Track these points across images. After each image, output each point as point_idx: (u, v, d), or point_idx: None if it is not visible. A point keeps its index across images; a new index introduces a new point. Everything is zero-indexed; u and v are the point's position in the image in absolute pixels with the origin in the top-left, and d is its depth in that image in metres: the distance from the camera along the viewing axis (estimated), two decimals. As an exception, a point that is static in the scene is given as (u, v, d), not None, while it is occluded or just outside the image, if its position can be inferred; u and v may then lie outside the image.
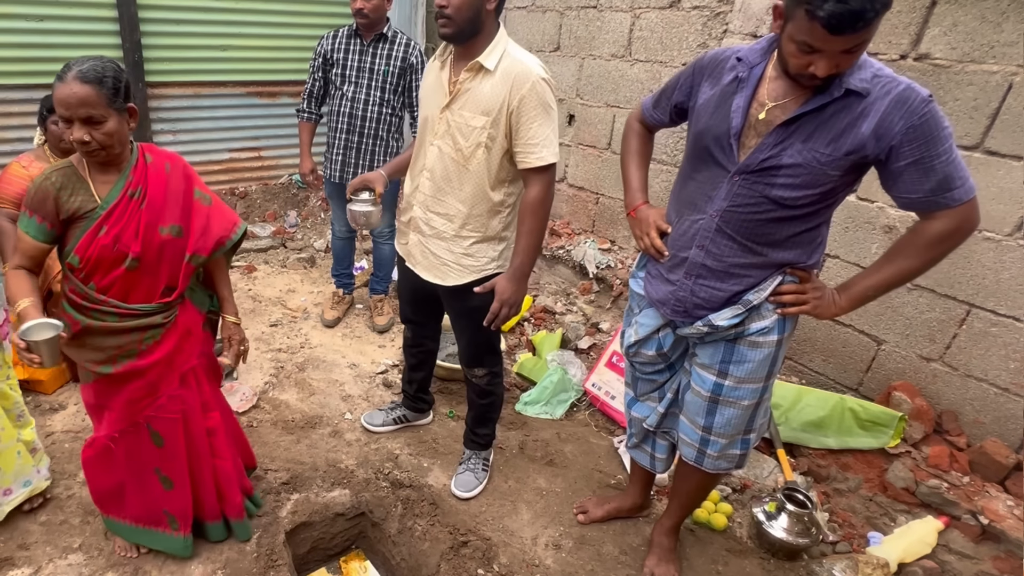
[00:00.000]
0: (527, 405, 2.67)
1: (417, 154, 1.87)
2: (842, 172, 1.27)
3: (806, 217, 1.34)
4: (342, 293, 3.33)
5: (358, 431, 2.43)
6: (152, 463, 1.64)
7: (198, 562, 1.80)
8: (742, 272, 1.42)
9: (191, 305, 1.62)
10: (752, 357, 1.48)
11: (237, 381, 2.64)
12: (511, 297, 1.75)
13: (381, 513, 2.12)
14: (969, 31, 1.98)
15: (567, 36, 3.52)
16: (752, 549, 2.03)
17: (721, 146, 1.37)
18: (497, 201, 1.78)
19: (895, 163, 1.22)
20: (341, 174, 2.98)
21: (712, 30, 2.81)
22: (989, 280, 2.03)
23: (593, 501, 2.11)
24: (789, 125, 1.27)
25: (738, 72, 1.36)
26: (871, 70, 1.22)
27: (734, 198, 1.37)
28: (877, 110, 1.20)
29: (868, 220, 2.29)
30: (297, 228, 4.32)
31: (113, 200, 1.42)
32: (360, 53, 2.81)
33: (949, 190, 1.21)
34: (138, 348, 1.51)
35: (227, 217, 1.61)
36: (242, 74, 4.10)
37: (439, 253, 1.85)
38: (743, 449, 1.63)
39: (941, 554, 1.91)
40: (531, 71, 1.63)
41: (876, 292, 1.38)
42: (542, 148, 1.66)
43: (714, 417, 1.57)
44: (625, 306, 3.17)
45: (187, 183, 1.54)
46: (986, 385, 2.08)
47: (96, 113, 1.32)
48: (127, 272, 1.44)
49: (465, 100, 1.69)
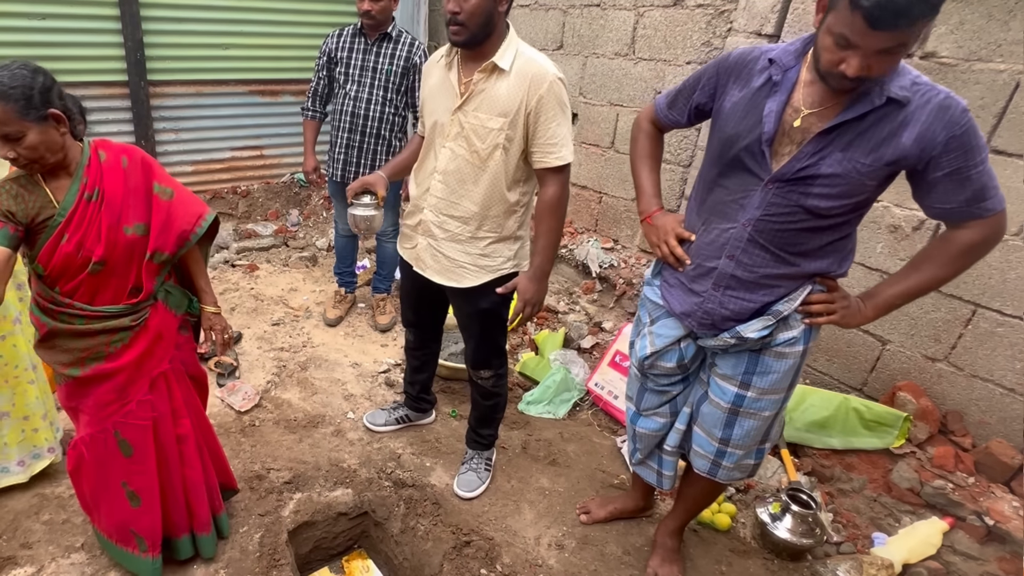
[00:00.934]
0: (530, 405, 2.66)
1: (425, 156, 1.84)
2: (878, 182, 1.24)
3: (839, 226, 1.32)
4: (344, 292, 3.32)
5: (360, 430, 2.43)
6: (119, 475, 1.57)
7: (200, 562, 1.79)
8: (773, 283, 1.38)
9: (164, 308, 1.55)
10: (777, 368, 1.44)
11: (239, 380, 2.64)
12: (534, 296, 1.77)
13: (384, 513, 2.12)
14: (976, 29, 1.97)
15: (570, 34, 3.51)
16: (756, 549, 2.03)
17: (752, 153, 1.31)
18: (513, 201, 1.77)
19: (933, 173, 1.19)
20: (343, 173, 2.98)
21: (716, 28, 2.80)
22: (995, 280, 2.02)
23: (596, 502, 2.10)
24: (828, 133, 1.22)
25: (771, 74, 1.29)
26: (909, 77, 1.18)
27: (768, 207, 1.31)
28: (918, 119, 1.16)
29: (873, 220, 2.28)
30: (299, 227, 4.32)
31: (70, 206, 1.37)
32: (364, 52, 2.80)
33: (983, 200, 1.19)
34: (106, 351, 1.47)
35: (190, 209, 1.51)
36: (244, 72, 4.10)
37: (454, 256, 1.83)
38: (757, 459, 1.61)
39: (946, 555, 1.90)
40: (547, 71, 1.62)
41: (902, 300, 1.36)
42: (560, 148, 1.66)
43: (732, 429, 1.53)
44: (628, 305, 3.17)
45: (146, 177, 1.45)
46: (992, 385, 2.07)
47: (10, 130, 1.24)
48: (91, 276, 1.40)
49: (480, 101, 1.66)
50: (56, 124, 1.32)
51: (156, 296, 1.53)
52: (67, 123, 1.35)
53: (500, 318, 1.93)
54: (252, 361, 2.81)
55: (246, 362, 2.79)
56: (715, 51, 2.81)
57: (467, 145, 1.70)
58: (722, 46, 2.79)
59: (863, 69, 1.11)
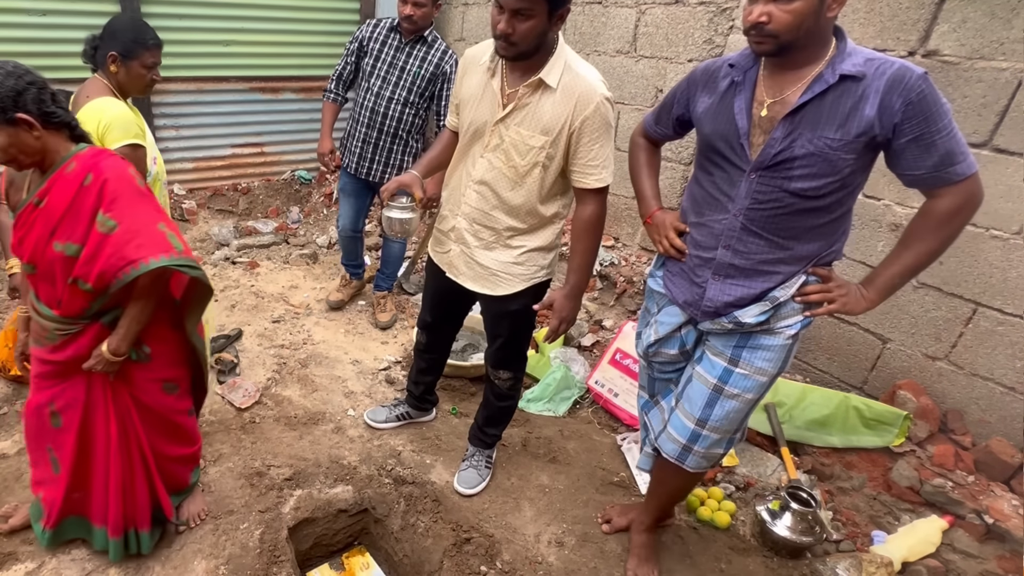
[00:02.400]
0: (530, 402, 2.66)
1: (460, 161, 1.80)
2: (856, 155, 1.28)
3: (829, 208, 1.35)
4: (349, 277, 3.35)
5: (361, 427, 2.43)
6: (48, 440, 1.64)
7: (201, 558, 1.80)
8: (771, 269, 1.42)
9: (105, 331, 1.53)
10: (768, 344, 1.47)
11: (240, 377, 2.64)
12: (569, 314, 1.78)
13: (384, 509, 2.12)
14: (979, 27, 1.96)
15: (571, 32, 3.50)
16: (755, 547, 2.03)
17: (732, 147, 1.39)
18: (551, 214, 1.77)
19: (897, 140, 1.24)
20: (357, 167, 2.98)
21: (718, 26, 2.79)
22: (996, 279, 2.02)
23: (616, 510, 2.09)
24: (793, 116, 1.30)
25: (733, 76, 1.40)
26: (863, 55, 1.26)
27: (755, 195, 1.38)
28: (876, 90, 1.22)
29: (874, 218, 2.28)
30: (300, 224, 4.32)
31: (23, 205, 1.43)
32: (396, 50, 2.80)
33: (952, 165, 1.23)
34: (45, 341, 1.54)
35: (123, 252, 1.38)
36: (245, 69, 4.09)
37: (488, 264, 1.81)
38: (726, 449, 1.64)
39: (945, 553, 1.90)
40: (595, 90, 1.56)
41: (902, 279, 1.38)
42: (602, 170, 1.63)
43: (712, 409, 1.55)
44: (629, 303, 3.17)
45: (96, 202, 1.39)
46: (992, 384, 2.07)
47: None
48: (28, 274, 1.50)
49: (523, 116, 1.62)
50: (28, 128, 1.33)
51: (88, 318, 1.51)
52: (40, 127, 1.35)
53: (529, 320, 1.93)
54: (252, 358, 2.81)
55: (246, 359, 2.79)
56: (717, 49, 2.81)
57: (506, 159, 1.67)
58: (724, 44, 2.78)
59: (762, 16, 1.22)
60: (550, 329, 1.80)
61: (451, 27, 4.41)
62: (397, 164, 2.96)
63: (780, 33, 1.23)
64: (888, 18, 2.17)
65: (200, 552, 1.81)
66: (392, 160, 2.95)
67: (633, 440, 2.46)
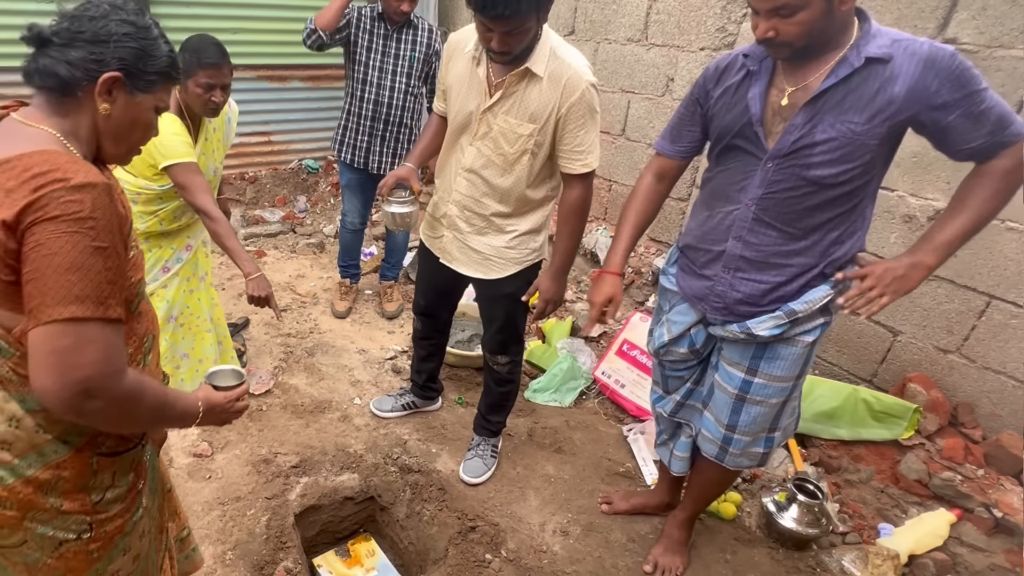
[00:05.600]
0: (536, 392, 2.66)
1: (450, 150, 1.81)
2: (879, 140, 1.24)
3: (847, 196, 1.31)
4: (349, 283, 3.33)
5: (367, 416, 2.44)
6: None
7: (208, 543, 1.81)
8: (782, 262, 1.38)
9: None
10: (785, 354, 1.44)
11: (252, 365, 2.65)
12: (554, 295, 1.82)
13: (390, 497, 2.13)
14: (999, 15, 1.92)
15: (582, 19, 3.46)
16: (761, 539, 2.02)
17: (746, 136, 1.36)
18: (541, 197, 1.78)
19: (944, 119, 1.20)
20: (366, 161, 2.95)
21: (731, 14, 2.75)
22: (1011, 271, 1.99)
23: (620, 494, 2.09)
24: (816, 101, 1.26)
25: (748, 66, 1.36)
26: (889, 36, 1.22)
27: (770, 184, 1.34)
28: (907, 72, 1.19)
29: (888, 209, 2.25)
30: (307, 213, 4.32)
31: None
32: (385, 38, 2.77)
33: (1007, 127, 1.20)
34: None
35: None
36: (252, 57, 4.07)
37: (480, 249, 1.83)
38: (766, 447, 1.61)
39: (953, 546, 1.89)
40: (581, 77, 1.57)
41: (960, 240, 1.30)
42: (587, 155, 1.65)
43: (739, 415, 1.54)
44: (637, 295, 3.15)
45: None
46: (1004, 378, 2.04)
47: None
48: None
49: (511, 105, 1.63)
50: None
51: None
52: None
53: (524, 302, 1.94)
54: (259, 347, 2.82)
55: (253, 348, 2.80)
56: (730, 37, 2.77)
57: (494, 147, 1.68)
58: (737, 32, 2.74)
59: (768, 31, 1.20)
60: (536, 311, 1.83)
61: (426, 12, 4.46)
62: (404, 152, 2.96)
63: (792, 43, 1.21)
64: (906, 5, 2.13)
65: (207, 538, 1.82)
66: (399, 149, 2.94)
67: (639, 431, 2.45)
